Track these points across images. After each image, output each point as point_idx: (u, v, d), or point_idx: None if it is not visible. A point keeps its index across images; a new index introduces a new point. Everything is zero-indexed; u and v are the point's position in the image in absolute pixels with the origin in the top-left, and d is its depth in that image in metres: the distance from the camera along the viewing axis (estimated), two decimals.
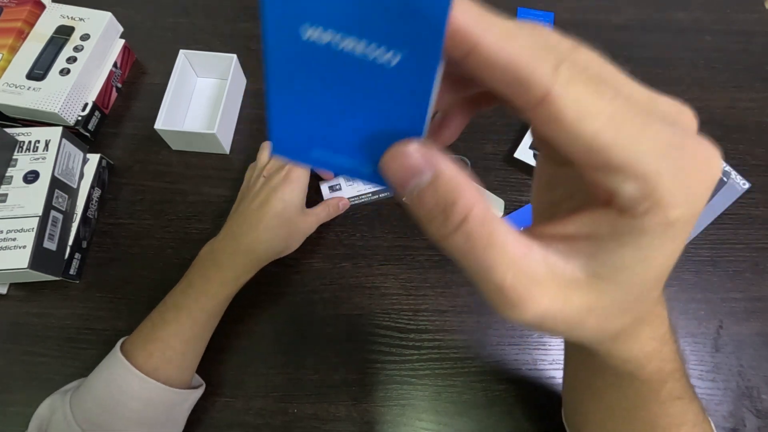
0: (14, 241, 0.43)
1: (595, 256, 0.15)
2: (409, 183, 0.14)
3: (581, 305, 0.15)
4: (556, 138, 0.13)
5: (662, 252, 0.15)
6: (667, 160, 0.13)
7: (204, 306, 0.40)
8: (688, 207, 0.14)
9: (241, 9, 0.66)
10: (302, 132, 0.16)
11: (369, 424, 0.44)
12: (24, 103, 0.50)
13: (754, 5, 0.71)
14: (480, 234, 0.14)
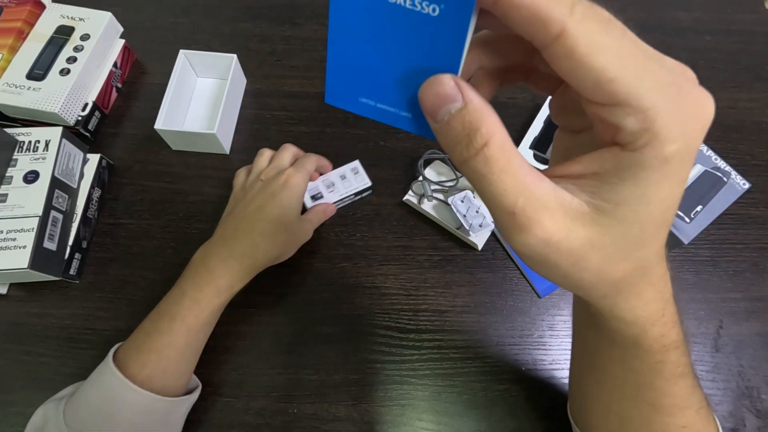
0: (14, 241, 0.43)
1: (599, 191, 0.17)
2: (441, 109, 0.16)
3: (584, 238, 0.17)
4: (570, 72, 0.15)
5: (660, 190, 0.16)
6: (666, 98, 0.15)
7: (198, 315, 0.39)
8: (683, 143, 0.16)
9: (241, 9, 0.66)
10: (353, 82, 0.18)
11: (369, 424, 0.44)
12: (24, 103, 0.50)
13: (754, 5, 0.71)
14: (498, 159, 0.16)
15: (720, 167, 0.52)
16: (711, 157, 0.52)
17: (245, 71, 0.59)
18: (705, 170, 0.52)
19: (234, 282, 0.41)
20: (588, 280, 0.18)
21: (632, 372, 0.26)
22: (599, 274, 0.18)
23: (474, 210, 0.51)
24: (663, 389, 0.27)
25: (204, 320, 0.39)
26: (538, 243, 0.16)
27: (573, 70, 0.15)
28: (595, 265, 0.18)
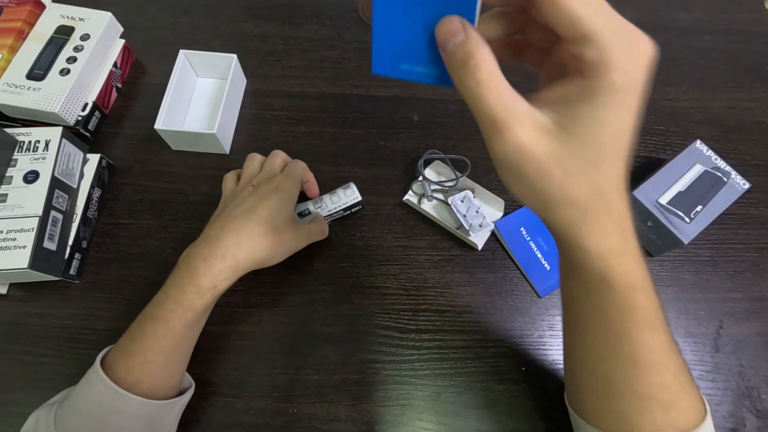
0: (14, 241, 0.43)
1: (563, 112, 0.21)
2: (449, 40, 0.22)
3: (548, 150, 0.21)
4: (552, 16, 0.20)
5: (610, 114, 0.21)
6: (618, 38, 0.20)
7: (181, 317, 0.38)
8: (627, 74, 0.20)
9: (241, 9, 0.66)
10: (394, 52, 0.24)
11: (369, 424, 0.44)
12: (24, 103, 0.50)
13: (754, 5, 0.71)
14: (486, 80, 0.21)
15: (720, 167, 0.52)
16: (711, 157, 0.52)
17: (245, 71, 0.59)
18: (705, 170, 0.52)
19: (217, 282, 0.39)
20: (553, 196, 0.23)
21: (607, 319, 0.29)
22: (562, 191, 0.22)
23: (474, 210, 0.51)
24: (638, 340, 0.29)
25: (188, 322, 0.38)
26: (511, 148, 0.21)
27: (554, 14, 0.20)
28: (558, 179, 0.22)
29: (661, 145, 0.59)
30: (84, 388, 0.37)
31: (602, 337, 0.30)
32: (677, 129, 0.60)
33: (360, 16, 0.67)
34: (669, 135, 0.60)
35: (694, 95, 0.62)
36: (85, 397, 0.36)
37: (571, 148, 0.21)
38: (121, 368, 0.36)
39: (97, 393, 0.36)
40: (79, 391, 0.37)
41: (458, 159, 0.54)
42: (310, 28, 0.65)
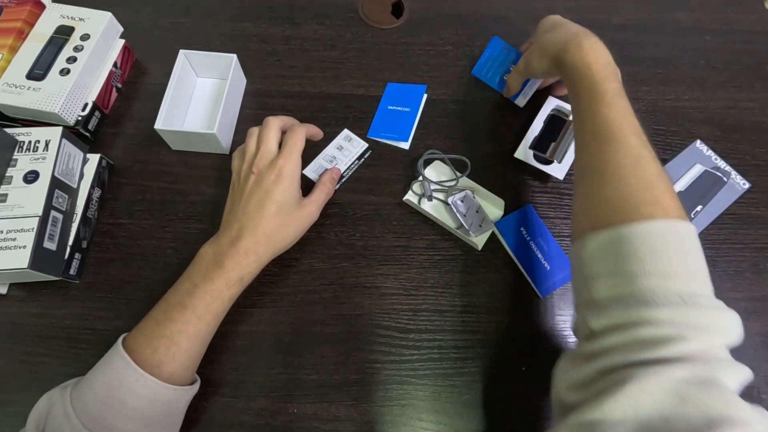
0: (14, 241, 0.43)
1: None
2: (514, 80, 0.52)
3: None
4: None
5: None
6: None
7: (209, 305, 0.40)
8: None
9: (241, 9, 0.66)
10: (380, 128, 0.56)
11: (369, 424, 0.44)
12: (24, 103, 0.50)
13: (754, 5, 0.71)
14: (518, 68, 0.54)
15: (720, 167, 0.52)
16: (711, 157, 0.52)
17: (245, 71, 0.59)
18: (705, 170, 0.52)
19: (243, 274, 0.42)
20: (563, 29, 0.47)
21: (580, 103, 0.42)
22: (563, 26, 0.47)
23: (474, 210, 0.51)
24: (607, 116, 0.38)
25: (214, 311, 0.41)
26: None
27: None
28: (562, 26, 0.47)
29: (661, 145, 0.59)
30: (104, 367, 0.38)
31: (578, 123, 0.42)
32: (677, 129, 0.60)
33: (360, 16, 0.67)
34: (669, 135, 0.60)
35: (694, 95, 0.62)
36: (104, 376, 0.37)
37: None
38: (146, 350, 0.38)
39: (118, 372, 0.37)
40: (99, 370, 0.38)
41: (458, 159, 0.54)
42: (310, 28, 0.65)
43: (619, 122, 0.38)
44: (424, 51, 0.64)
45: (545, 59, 0.48)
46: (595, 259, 0.35)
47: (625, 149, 0.37)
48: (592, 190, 0.38)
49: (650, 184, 0.35)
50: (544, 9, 0.69)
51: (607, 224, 0.34)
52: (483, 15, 0.68)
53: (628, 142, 0.37)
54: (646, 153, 0.37)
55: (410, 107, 0.59)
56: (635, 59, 0.65)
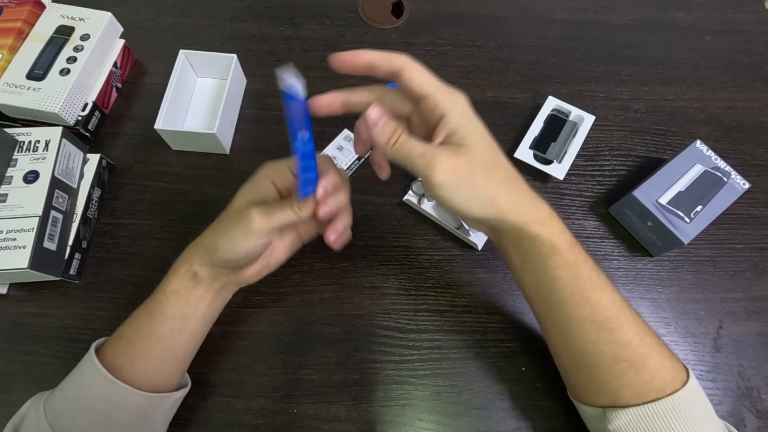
0: (14, 241, 0.43)
1: (451, 140, 0.32)
2: (376, 123, 0.33)
3: (465, 161, 0.32)
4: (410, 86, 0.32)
5: (472, 127, 0.33)
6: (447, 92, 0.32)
7: (161, 304, 0.38)
8: (462, 106, 0.32)
9: (241, 9, 0.66)
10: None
11: (369, 424, 0.44)
12: (24, 103, 0.50)
13: (754, 5, 0.71)
14: (408, 145, 0.32)
15: (720, 167, 0.52)
16: (711, 157, 0.52)
17: (245, 71, 0.59)
18: (705, 170, 0.52)
19: (186, 269, 0.38)
20: (485, 188, 0.32)
21: (563, 285, 0.34)
22: (488, 179, 0.32)
23: None
24: (592, 300, 0.34)
25: (166, 311, 0.37)
26: (443, 172, 0.31)
27: (409, 81, 0.32)
28: (481, 174, 0.32)
29: (661, 145, 0.59)
30: (75, 370, 0.37)
31: (565, 309, 0.35)
32: (677, 129, 0.60)
33: (360, 16, 0.67)
34: (669, 135, 0.60)
35: (694, 95, 0.62)
36: (75, 378, 0.37)
37: (473, 154, 0.32)
38: (110, 351, 0.37)
39: (86, 375, 0.36)
40: (71, 374, 0.37)
41: None
42: (310, 28, 0.65)
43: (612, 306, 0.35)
44: (424, 51, 0.64)
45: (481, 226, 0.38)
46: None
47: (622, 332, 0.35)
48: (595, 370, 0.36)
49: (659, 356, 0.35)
50: (544, 9, 0.69)
51: (633, 403, 0.34)
52: (483, 15, 0.68)
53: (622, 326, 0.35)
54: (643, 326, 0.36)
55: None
56: (635, 59, 0.65)
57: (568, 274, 0.34)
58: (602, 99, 0.62)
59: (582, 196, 0.55)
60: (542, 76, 0.63)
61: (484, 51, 0.65)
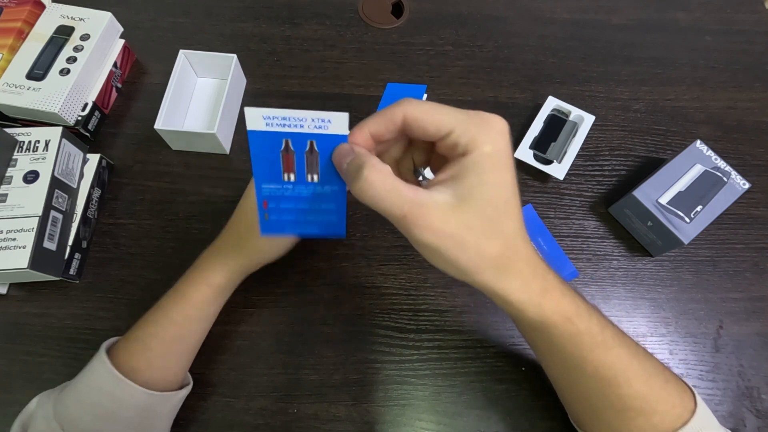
0: (14, 241, 0.43)
1: (457, 186, 0.25)
2: (343, 161, 0.26)
3: (457, 222, 0.24)
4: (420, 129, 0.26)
5: (492, 175, 0.25)
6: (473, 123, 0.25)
7: (182, 308, 0.39)
8: (493, 144, 0.25)
9: (241, 9, 0.66)
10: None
11: (369, 424, 0.44)
12: (24, 103, 0.50)
13: (754, 5, 0.71)
14: (381, 183, 0.24)
15: (720, 167, 0.52)
16: (711, 157, 0.52)
17: (245, 71, 0.59)
18: (705, 170, 0.52)
19: (222, 280, 0.40)
20: (473, 261, 0.25)
21: (560, 347, 0.32)
22: (478, 253, 0.25)
23: None
24: (595, 361, 0.32)
25: (188, 314, 0.39)
26: (426, 232, 0.24)
27: (420, 128, 0.26)
28: (473, 243, 0.25)
29: (661, 145, 0.59)
30: (86, 370, 0.38)
31: (566, 365, 0.33)
32: (677, 129, 0.60)
33: (360, 16, 0.67)
34: (669, 135, 0.60)
35: (694, 95, 0.62)
36: (86, 380, 0.37)
37: (474, 213, 0.24)
38: (123, 353, 0.38)
39: (97, 375, 0.37)
40: (82, 374, 0.38)
41: None
42: (310, 28, 0.65)
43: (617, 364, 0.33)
44: (424, 51, 0.64)
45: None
46: None
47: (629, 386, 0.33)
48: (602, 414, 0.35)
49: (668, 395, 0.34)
50: (544, 9, 0.69)
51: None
52: (483, 15, 0.68)
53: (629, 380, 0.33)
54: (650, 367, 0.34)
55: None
56: (635, 59, 0.65)
57: (566, 343, 0.31)
58: (602, 99, 0.62)
59: (582, 196, 0.55)
60: (542, 76, 0.63)
61: (484, 51, 0.65)
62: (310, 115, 0.26)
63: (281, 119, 0.26)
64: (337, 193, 0.29)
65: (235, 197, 0.50)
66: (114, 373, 0.36)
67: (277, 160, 0.27)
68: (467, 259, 0.25)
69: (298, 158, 0.27)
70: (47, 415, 0.35)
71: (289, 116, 0.26)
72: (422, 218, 0.24)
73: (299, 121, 0.26)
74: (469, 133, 0.25)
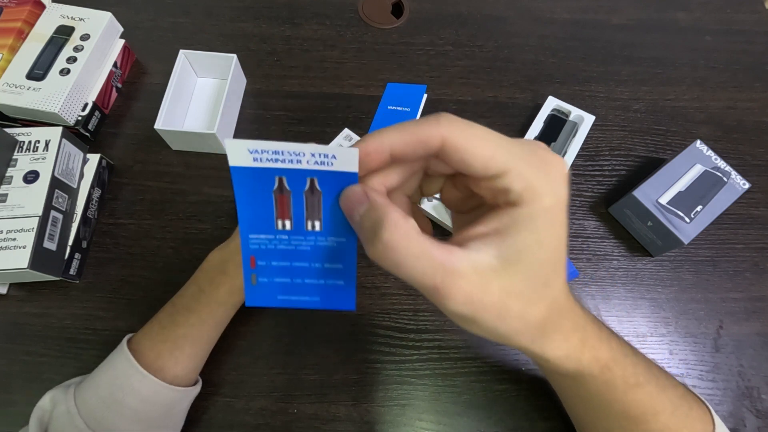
0: (14, 241, 0.43)
1: (503, 244, 0.20)
2: (354, 211, 0.20)
3: (500, 289, 0.19)
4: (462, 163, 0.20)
5: (549, 233, 0.20)
6: (532, 165, 0.20)
7: (213, 311, 0.41)
8: (555, 195, 0.20)
9: (241, 9, 0.66)
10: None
11: (369, 424, 0.44)
12: (24, 103, 0.50)
13: (754, 5, 0.71)
14: (408, 246, 0.19)
15: (720, 167, 0.52)
16: (711, 157, 0.52)
17: (245, 71, 0.59)
18: (705, 170, 0.52)
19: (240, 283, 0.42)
20: (515, 328, 0.21)
21: (593, 393, 0.30)
22: (522, 320, 0.21)
23: None
24: (625, 401, 0.30)
25: (218, 317, 0.41)
26: (462, 305, 0.19)
27: (463, 160, 0.19)
28: (516, 311, 0.20)
29: (661, 145, 0.59)
30: (109, 369, 0.38)
31: (593, 406, 0.33)
32: (677, 129, 0.60)
33: (360, 16, 0.67)
34: (669, 135, 0.60)
35: (694, 95, 0.62)
36: (109, 377, 0.38)
37: (521, 278, 0.20)
38: (150, 353, 0.38)
39: (122, 374, 0.37)
40: (104, 371, 0.38)
41: None
42: (310, 28, 0.65)
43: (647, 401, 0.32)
44: (424, 51, 0.64)
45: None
46: None
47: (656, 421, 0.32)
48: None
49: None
50: (544, 9, 0.69)
51: None
52: (483, 15, 0.68)
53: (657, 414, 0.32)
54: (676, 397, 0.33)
55: (410, 107, 0.58)
56: (635, 59, 0.65)
57: (599, 388, 0.30)
58: (602, 99, 0.62)
59: (582, 196, 0.55)
60: (542, 76, 0.63)
61: (484, 51, 0.65)
62: (309, 150, 0.20)
63: (272, 153, 0.20)
64: (345, 247, 0.23)
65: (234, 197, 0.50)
66: (142, 372, 0.37)
67: (268, 203, 0.21)
68: (507, 327, 0.21)
69: (296, 200, 0.21)
70: (70, 412, 0.36)
71: (283, 150, 0.20)
72: (459, 290, 0.19)
73: (295, 156, 0.20)
74: (526, 178, 0.19)
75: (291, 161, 0.20)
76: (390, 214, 0.19)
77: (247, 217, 0.22)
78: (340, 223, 0.22)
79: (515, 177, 0.19)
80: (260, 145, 0.20)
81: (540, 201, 0.19)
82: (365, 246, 0.21)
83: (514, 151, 0.20)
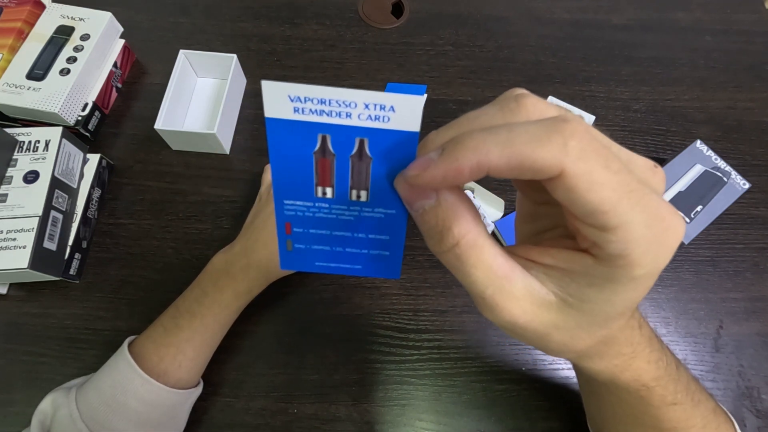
0: (14, 241, 0.43)
1: (567, 286, 0.18)
2: (416, 202, 0.18)
3: (549, 322, 0.18)
4: (569, 201, 0.15)
5: (624, 297, 0.17)
6: (649, 232, 0.16)
7: (217, 315, 0.41)
8: (651, 268, 0.16)
9: (241, 9, 0.66)
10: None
11: (369, 424, 0.44)
12: (24, 103, 0.50)
13: (754, 5, 0.71)
14: (469, 256, 0.17)
15: (720, 167, 0.52)
16: (711, 157, 0.52)
17: (245, 71, 0.59)
18: (705, 170, 0.52)
19: (252, 287, 0.42)
20: (553, 350, 0.20)
21: (624, 403, 0.30)
22: (563, 346, 0.19)
23: None
24: (658, 416, 0.30)
25: (222, 321, 0.41)
26: (506, 322, 0.18)
27: (573, 200, 0.15)
28: (558, 340, 0.19)
29: (661, 145, 0.59)
30: (111, 373, 0.38)
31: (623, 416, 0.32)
32: (677, 129, 0.60)
33: (360, 16, 0.67)
34: (669, 135, 0.60)
35: (694, 95, 0.62)
36: (111, 380, 0.38)
37: (575, 320, 0.18)
38: (152, 357, 0.38)
39: (124, 378, 0.37)
40: (105, 375, 0.38)
41: None
42: (310, 28, 0.65)
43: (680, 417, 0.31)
44: (424, 51, 0.64)
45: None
46: None
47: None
48: None
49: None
50: (544, 9, 0.69)
51: None
52: (483, 15, 0.68)
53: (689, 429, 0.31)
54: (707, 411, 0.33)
55: None
56: (635, 59, 0.65)
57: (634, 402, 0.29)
58: (602, 99, 0.62)
59: None
60: (542, 76, 0.63)
61: (484, 51, 0.65)
62: (362, 98, 0.17)
63: (317, 102, 0.17)
64: (394, 218, 0.20)
65: (235, 197, 0.50)
66: (144, 376, 0.37)
67: (307, 165, 0.18)
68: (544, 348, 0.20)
69: (340, 166, 0.18)
70: (72, 415, 0.36)
71: (330, 98, 0.17)
72: (505, 309, 0.18)
73: (344, 106, 0.17)
74: (631, 248, 0.16)
75: (339, 114, 0.17)
76: (460, 218, 0.17)
77: (282, 179, 0.19)
78: (390, 193, 0.19)
79: (619, 242, 0.16)
80: (303, 91, 0.17)
81: (631, 271, 0.16)
82: (425, 238, 0.19)
83: (637, 210, 0.15)
